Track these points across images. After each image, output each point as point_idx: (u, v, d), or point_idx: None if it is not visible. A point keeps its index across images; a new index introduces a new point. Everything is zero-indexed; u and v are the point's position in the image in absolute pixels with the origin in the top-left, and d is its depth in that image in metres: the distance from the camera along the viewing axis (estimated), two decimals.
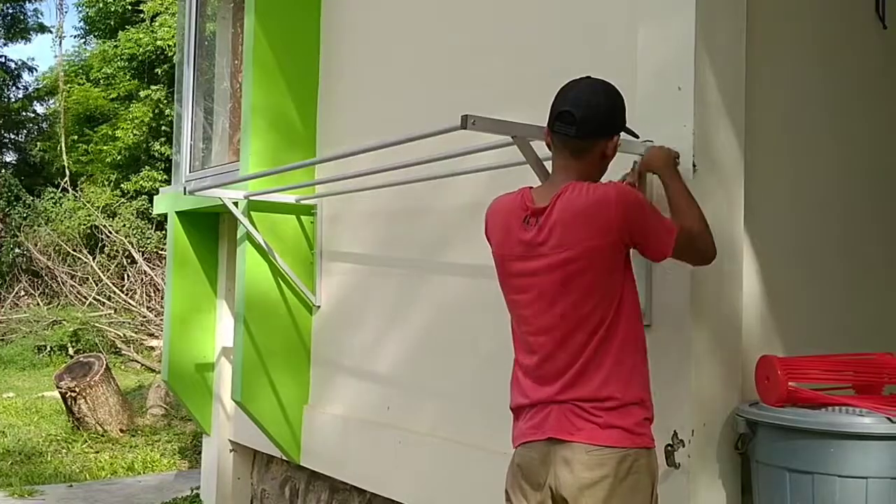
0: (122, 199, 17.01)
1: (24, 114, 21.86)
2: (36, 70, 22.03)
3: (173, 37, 15.78)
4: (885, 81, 3.32)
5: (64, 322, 13.42)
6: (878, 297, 3.26)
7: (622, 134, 2.40)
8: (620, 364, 2.23)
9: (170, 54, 16.45)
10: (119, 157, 17.85)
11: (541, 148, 2.55)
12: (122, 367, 12.17)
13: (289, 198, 4.48)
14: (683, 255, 2.40)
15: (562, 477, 2.22)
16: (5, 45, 21.10)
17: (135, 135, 17.45)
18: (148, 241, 15.44)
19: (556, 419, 2.25)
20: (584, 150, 2.32)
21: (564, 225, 2.23)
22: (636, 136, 2.52)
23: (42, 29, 21.36)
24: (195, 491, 6.00)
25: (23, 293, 15.82)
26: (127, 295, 13.67)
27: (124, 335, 12.70)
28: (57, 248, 15.55)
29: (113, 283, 13.90)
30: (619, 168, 2.55)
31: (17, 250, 16.98)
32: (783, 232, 2.94)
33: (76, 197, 17.25)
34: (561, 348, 2.26)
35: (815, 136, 3.06)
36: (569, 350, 2.25)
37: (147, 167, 17.65)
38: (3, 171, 19.52)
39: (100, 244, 15.56)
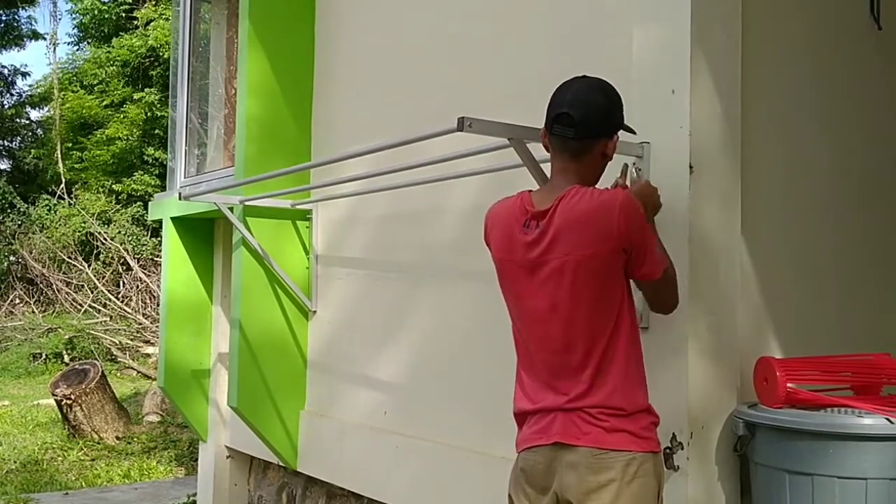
0: (117, 206, 16.99)
1: (18, 121, 21.85)
2: (30, 76, 22.06)
3: (167, 37, 15.78)
4: (881, 82, 3.32)
5: (59, 329, 13.38)
6: (875, 297, 3.26)
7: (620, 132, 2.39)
8: (626, 371, 2.22)
9: (163, 54, 16.44)
10: (112, 161, 17.83)
11: (538, 150, 2.54)
12: (118, 374, 12.14)
13: (284, 203, 4.47)
14: (656, 292, 2.36)
15: (567, 481, 2.20)
16: None
17: (127, 134, 17.44)
18: (143, 248, 15.41)
19: (562, 424, 2.23)
20: (583, 151, 2.29)
21: (567, 229, 2.20)
22: (633, 132, 2.50)
23: (36, 36, 21.36)
24: (192, 498, 5.98)
25: (18, 301, 15.79)
26: (122, 302, 13.64)
27: (120, 342, 12.67)
28: (52, 255, 15.52)
29: (108, 291, 13.86)
30: (615, 169, 2.54)
31: (11, 258, 16.95)
32: (779, 233, 2.94)
33: (71, 204, 17.22)
34: (565, 355, 2.24)
35: (811, 137, 3.06)
36: (573, 357, 2.23)
37: (140, 171, 17.64)
38: None
39: (95, 251, 15.52)
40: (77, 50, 20.89)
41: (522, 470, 2.33)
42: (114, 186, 17.51)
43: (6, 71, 21.38)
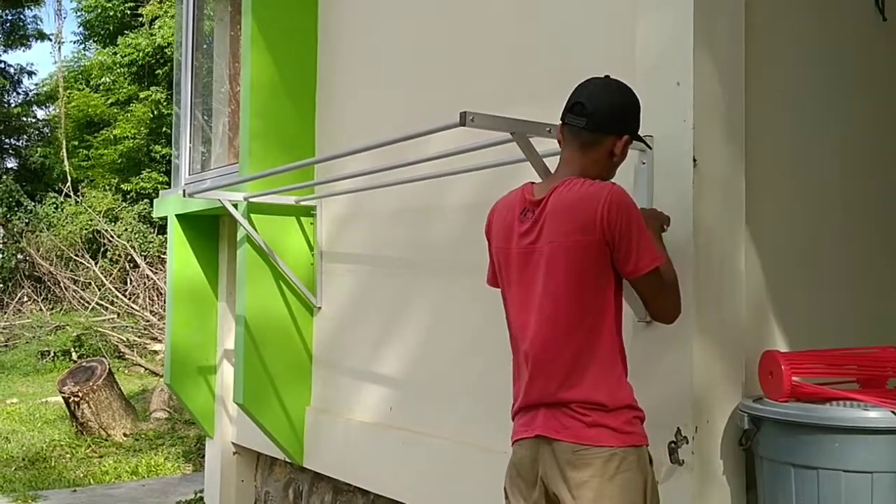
0: (124, 204, 17.02)
1: (24, 119, 21.92)
2: (35, 75, 22.15)
3: (172, 35, 15.81)
4: (886, 73, 3.30)
5: (67, 327, 13.42)
6: (881, 290, 3.24)
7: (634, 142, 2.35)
8: (610, 367, 2.20)
9: (169, 54, 16.47)
10: (119, 160, 17.87)
11: (540, 144, 2.54)
12: (126, 371, 12.17)
13: (288, 199, 4.47)
14: (650, 293, 2.28)
15: (551, 475, 2.21)
16: (5, 51, 21.18)
17: (134, 133, 17.48)
18: (150, 245, 15.43)
19: (544, 417, 2.23)
20: (592, 143, 2.28)
21: (553, 218, 2.20)
22: (649, 147, 2.49)
23: (41, 36, 21.44)
24: (199, 494, 5.99)
25: (26, 299, 15.83)
26: (130, 299, 13.66)
27: (127, 339, 12.70)
28: (59, 253, 15.55)
29: (116, 288, 13.88)
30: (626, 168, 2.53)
31: (19, 256, 17.00)
32: (784, 226, 2.93)
33: (77, 202, 17.25)
34: (547, 347, 2.22)
35: (816, 129, 3.05)
36: (554, 350, 2.21)
37: (147, 169, 17.67)
38: (4, 176, 19.56)
39: (102, 249, 15.56)
40: (83, 48, 20.95)
41: (513, 463, 2.34)
42: (122, 185, 17.54)
43: (12, 70, 21.46)
